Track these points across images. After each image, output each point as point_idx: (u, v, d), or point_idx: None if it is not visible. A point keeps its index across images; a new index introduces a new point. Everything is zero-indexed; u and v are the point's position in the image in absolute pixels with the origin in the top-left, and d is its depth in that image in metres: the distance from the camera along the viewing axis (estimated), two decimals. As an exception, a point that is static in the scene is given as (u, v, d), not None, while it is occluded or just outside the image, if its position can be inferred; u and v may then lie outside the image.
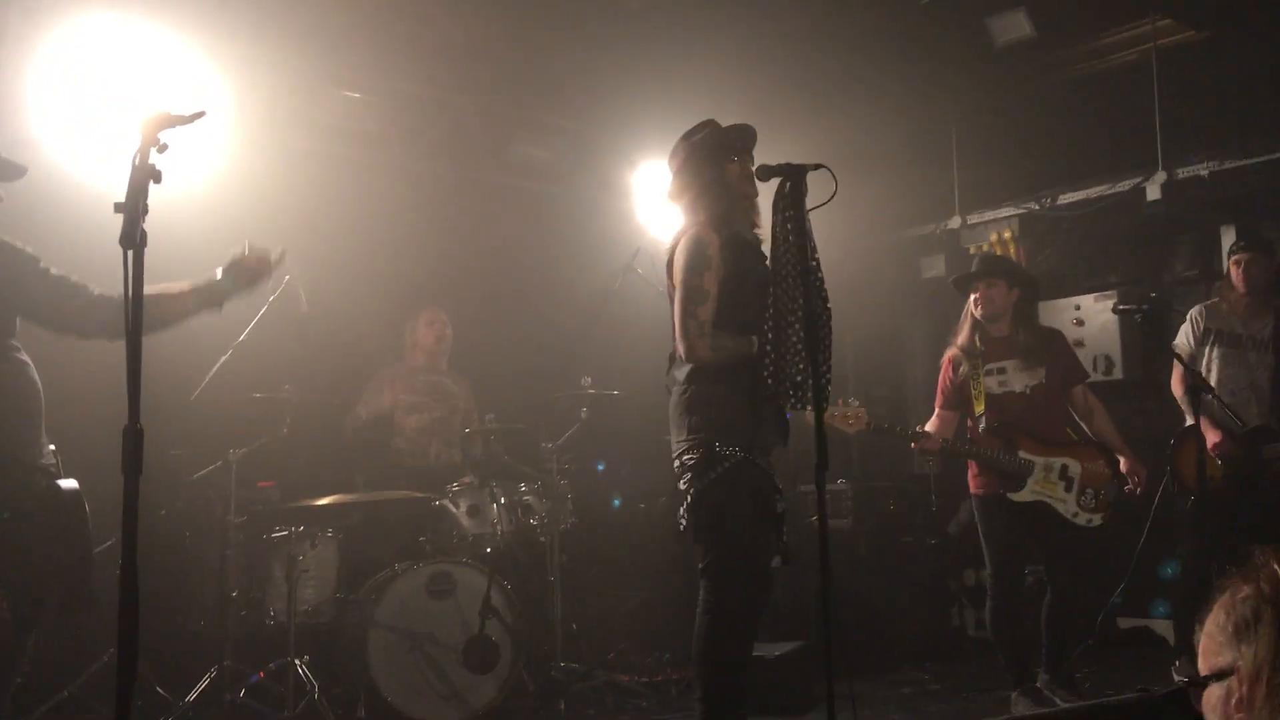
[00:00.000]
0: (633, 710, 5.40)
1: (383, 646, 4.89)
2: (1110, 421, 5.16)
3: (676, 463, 3.75)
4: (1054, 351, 5.09)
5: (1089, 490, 4.88)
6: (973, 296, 5.08)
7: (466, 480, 5.65)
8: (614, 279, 6.28)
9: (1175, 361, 5.36)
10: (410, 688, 4.89)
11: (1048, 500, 4.87)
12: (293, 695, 4.82)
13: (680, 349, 3.69)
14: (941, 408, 5.17)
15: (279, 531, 5.20)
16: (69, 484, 3.25)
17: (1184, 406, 5.38)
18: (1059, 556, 4.99)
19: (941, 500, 7.14)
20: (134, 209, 2.15)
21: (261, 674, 4.96)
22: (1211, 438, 5.23)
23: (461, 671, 5.02)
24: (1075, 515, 4.87)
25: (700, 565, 3.76)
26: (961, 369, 5.07)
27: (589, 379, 5.91)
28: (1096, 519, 4.88)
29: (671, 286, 3.82)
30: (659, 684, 5.71)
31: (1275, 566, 1.32)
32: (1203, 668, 1.40)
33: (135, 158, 2.21)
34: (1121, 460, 5.00)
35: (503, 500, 5.52)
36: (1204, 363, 5.47)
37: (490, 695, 5.08)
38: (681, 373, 3.76)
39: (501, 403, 6.06)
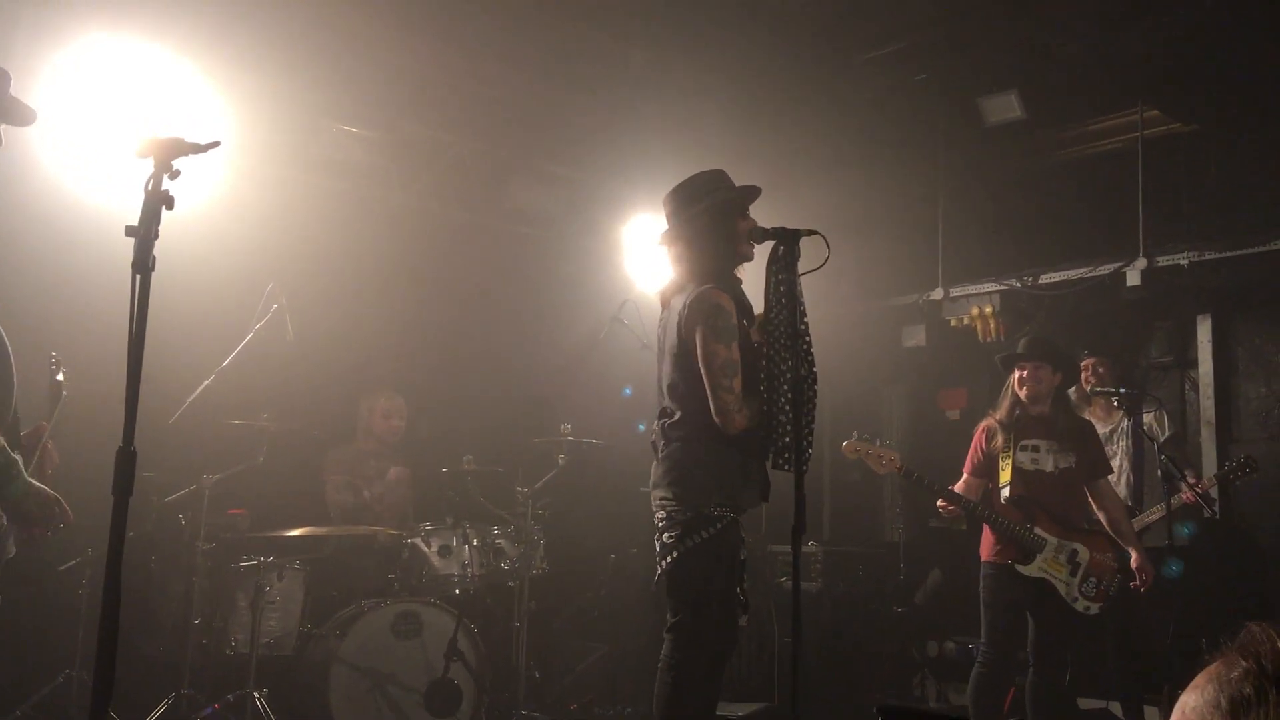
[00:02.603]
0: (592, 763, 5.35)
1: (344, 684, 4.84)
2: (1127, 517, 5.34)
3: (662, 515, 3.74)
4: (1087, 441, 5.23)
5: (1092, 579, 4.95)
6: (1018, 375, 5.17)
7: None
8: (600, 329, 6.31)
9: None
10: (369, 727, 4.84)
11: (1051, 579, 4.93)
12: (249, 728, 4.76)
13: (719, 421, 3.65)
14: (970, 474, 5.24)
15: (247, 560, 5.15)
16: None
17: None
18: (1049, 636, 5.02)
19: (910, 568, 7.16)
20: (146, 234, 2.17)
21: (218, 705, 4.88)
22: None
23: (422, 714, 4.97)
24: (1075, 600, 4.93)
25: (669, 621, 3.75)
26: (996, 440, 5.16)
27: (569, 426, 5.92)
28: (1094, 608, 4.95)
29: (675, 343, 3.81)
30: (619, 738, 5.67)
31: (1278, 644, 1.32)
32: None
33: (148, 183, 2.23)
34: (1133, 555, 5.07)
35: (475, 542, 5.50)
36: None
37: (450, 740, 5.02)
38: (680, 430, 3.76)
39: (480, 445, 6.05)
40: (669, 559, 3.68)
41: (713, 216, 3.89)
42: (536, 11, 5.75)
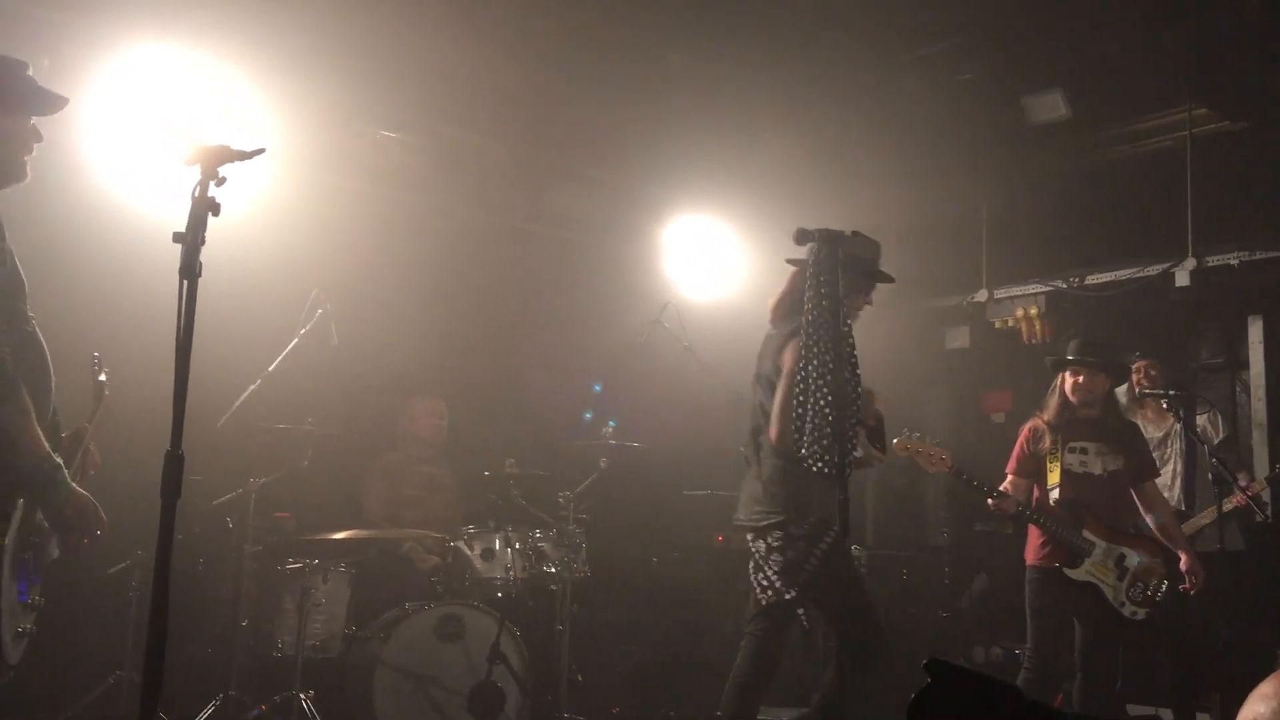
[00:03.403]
0: (635, 767, 5.35)
1: (388, 686, 4.86)
2: (1175, 520, 5.24)
3: (780, 533, 4.03)
4: (1135, 443, 5.17)
5: (1139, 584, 4.88)
6: (1071, 379, 5.10)
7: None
8: (640, 332, 6.31)
9: None
10: (413, 729, 4.86)
11: (1099, 584, 4.87)
12: (295, 729, 4.80)
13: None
14: (1014, 474, 5.19)
15: (293, 563, 5.19)
16: None
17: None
18: (1096, 642, 4.95)
19: (955, 572, 7.09)
20: (193, 240, 2.20)
21: (264, 706, 4.92)
22: None
23: (465, 717, 4.98)
24: (1122, 605, 4.87)
25: (828, 622, 4.19)
26: (1043, 442, 5.10)
27: (610, 429, 5.92)
28: (1141, 613, 4.88)
29: (771, 369, 4.15)
30: (662, 742, 5.66)
31: None
32: None
33: (195, 190, 2.25)
34: (1182, 558, 4.99)
35: (517, 545, 5.51)
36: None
37: (493, 743, 5.03)
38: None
39: (522, 448, 6.07)
40: (803, 567, 3.98)
41: (850, 276, 3.91)
42: (577, 13, 5.75)
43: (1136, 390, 6.09)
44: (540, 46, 6.07)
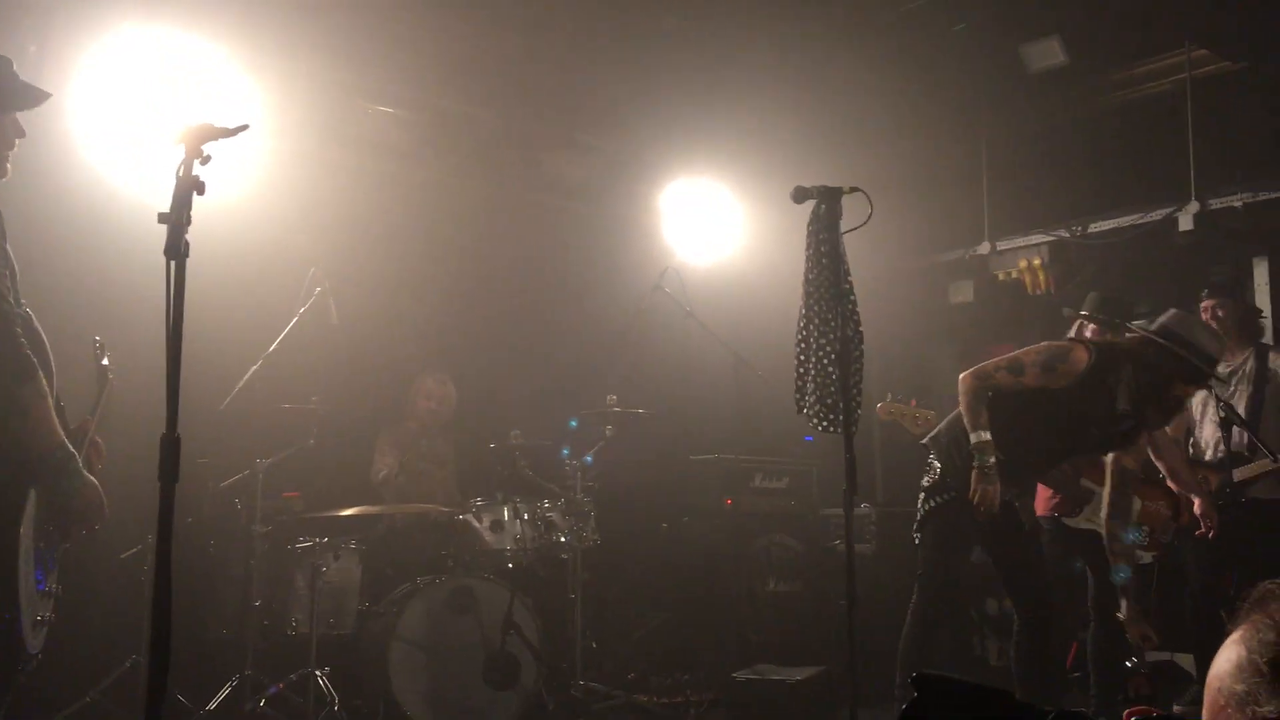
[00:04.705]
0: (651, 731, 5.38)
1: (404, 660, 4.89)
2: (1186, 463, 5.13)
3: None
4: None
5: (1144, 527, 4.85)
6: (1088, 331, 5.07)
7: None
8: (641, 298, 6.28)
9: None
10: (430, 702, 4.89)
11: (1100, 530, 4.84)
12: (313, 706, 4.82)
13: None
14: None
15: (303, 542, 5.21)
16: None
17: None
18: (1107, 589, 4.94)
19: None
20: (178, 220, 2.18)
21: (281, 685, 4.95)
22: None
23: (482, 687, 5.02)
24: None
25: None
26: None
27: (614, 397, 5.91)
28: (1147, 556, 4.87)
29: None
30: (678, 705, 5.68)
31: None
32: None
33: (179, 169, 2.23)
34: (1196, 502, 4.94)
35: (525, 516, 5.51)
36: None
37: (510, 712, 5.07)
38: None
39: (527, 418, 6.06)
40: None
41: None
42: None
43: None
44: (530, 13, 6.01)
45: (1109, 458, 4.69)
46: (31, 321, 3.02)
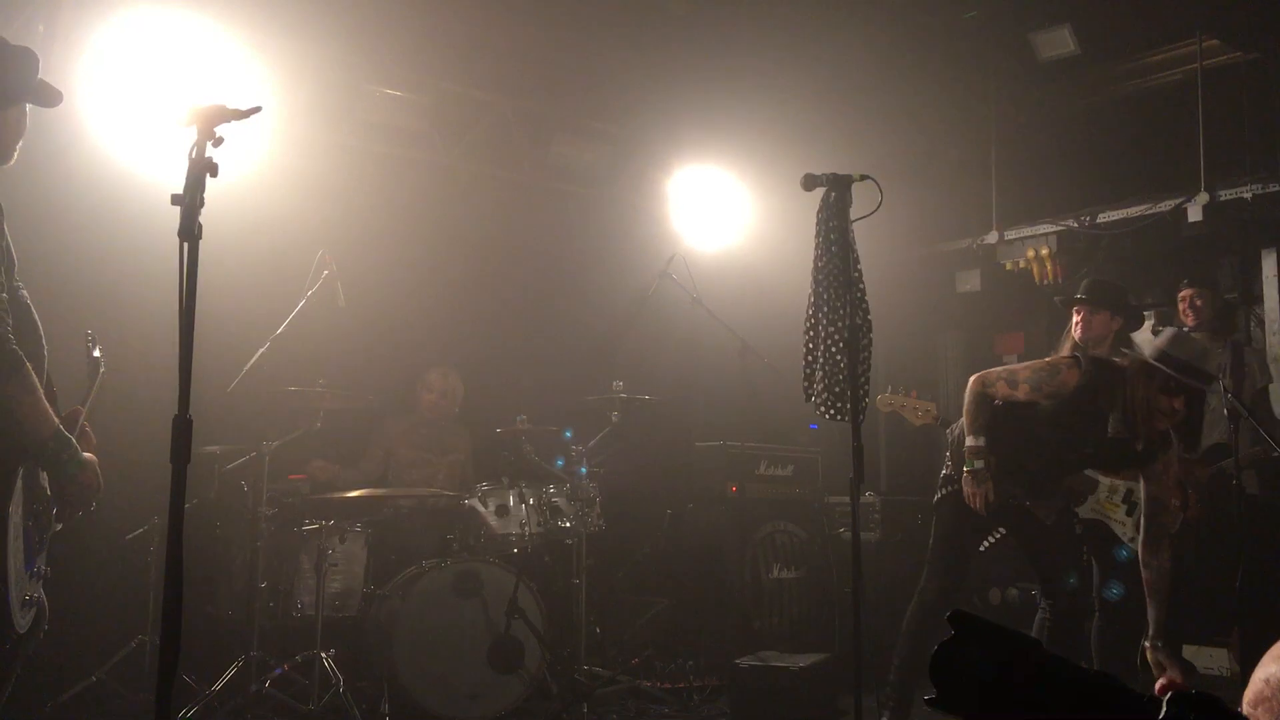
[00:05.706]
0: (655, 716, 5.40)
1: (408, 643, 4.91)
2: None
3: None
4: None
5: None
6: (1074, 317, 5.07)
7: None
8: (649, 284, 6.28)
9: None
10: (434, 685, 4.91)
11: (1106, 520, 4.85)
12: (318, 688, 4.84)
13: None
14: None
15: (309, 524, 5.22)
16: None
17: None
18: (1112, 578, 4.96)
19: (970, 516, 7.07)
20: (191, 202, 2.17)
21: (287, 666, 4.97)
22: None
23: (486, 671, 5.04)
24: (1132, 539, 4.83)
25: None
26: None
27: (620, 383, 5.90)
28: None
29: None
30: (682, 691, 5.70)
31: None
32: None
33: (192, 151, 2.22)
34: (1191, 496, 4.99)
35: (531, 501, 5.53)
36: None
37: (513, 696, 5.09)
38: None
39: (533, 404, 6.07)
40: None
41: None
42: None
43: (1186, 320, 5.97)
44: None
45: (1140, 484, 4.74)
46: (26, 304, 2.99)
